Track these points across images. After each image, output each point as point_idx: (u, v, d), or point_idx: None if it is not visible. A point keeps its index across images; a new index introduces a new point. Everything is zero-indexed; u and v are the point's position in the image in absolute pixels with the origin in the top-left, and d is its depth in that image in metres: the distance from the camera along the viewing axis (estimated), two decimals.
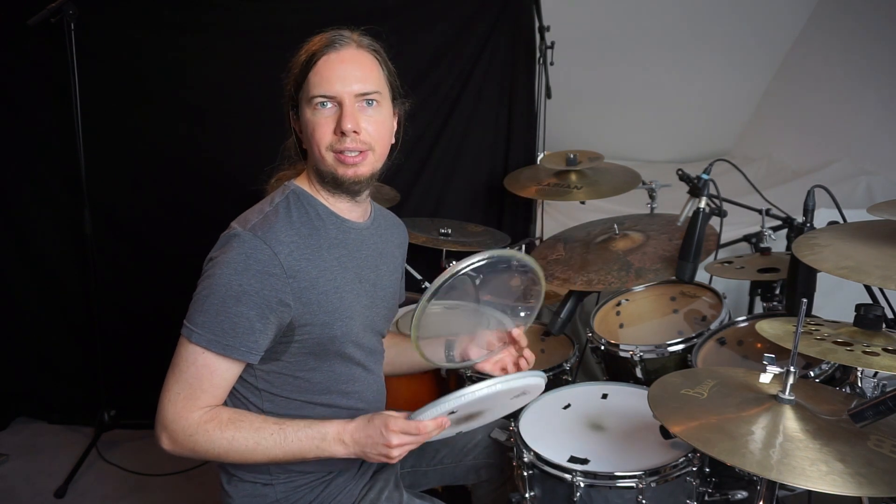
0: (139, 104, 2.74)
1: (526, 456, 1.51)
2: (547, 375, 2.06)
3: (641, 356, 1.88)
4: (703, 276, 2.09)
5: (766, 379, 1.25)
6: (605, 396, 1.74)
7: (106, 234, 2.75)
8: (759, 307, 2.19)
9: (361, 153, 1.33)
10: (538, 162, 2.81)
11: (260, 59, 2.60)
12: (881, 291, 1.63)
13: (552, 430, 1.60)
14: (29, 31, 2.35)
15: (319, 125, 1.31)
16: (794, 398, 1.17)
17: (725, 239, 2.26)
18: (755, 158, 3.92)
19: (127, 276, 2.87)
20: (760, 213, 2.08)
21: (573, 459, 1.48)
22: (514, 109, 2.92)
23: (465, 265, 1.26)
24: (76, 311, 2.89)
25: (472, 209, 3.00)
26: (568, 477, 1.43)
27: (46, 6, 2.35)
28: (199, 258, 1.34)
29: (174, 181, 2.81)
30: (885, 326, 1.26)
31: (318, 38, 1.35)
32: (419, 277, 2.62)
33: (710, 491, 1.54)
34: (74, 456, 2.68)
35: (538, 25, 2.78)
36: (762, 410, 1.16)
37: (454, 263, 1.27)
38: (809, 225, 1.85)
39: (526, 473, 1.50)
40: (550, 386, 1.89)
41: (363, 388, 1.46)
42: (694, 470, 1.45)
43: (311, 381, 1.38)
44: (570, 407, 1.70)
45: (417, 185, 2.94)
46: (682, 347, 1.86)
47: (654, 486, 1.41)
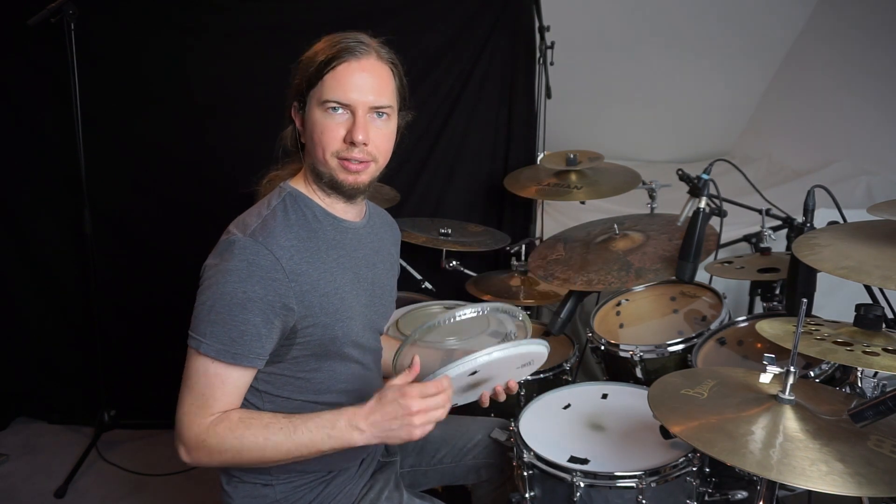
0: (139, 104, 2.73)
1: (526, 456, 1.51)
2: (547, 375, 2.08)
3: (641, 356, 1.88)
4: (703, 276, 2.09)
5: (766, 379, 1.25)
6: (605, 396, 1.74)
7: (106, 234, 2.74)
8: (759, 307, 2.19)
9: (365, 163, 1.33)
10: (538, 162, 2.81)
11: (260, 59, 2.61)
12: (881, 291, 1.63)
13: (552, 430, 1.60)
14: (29, 31, 2.34)
15: (329, 129, 1.31)
16: (794, 398, 1.17)
17: (725, 239, 2.26)
18: (755, 158, 3.92)
19: (127, 276, 2.86)
20: (760, 213, 2.08)
21: (573, 459, 1.48)
22: (514, 109, 2.92)
23: (480, 358, 1.23)
24: (76, 311, 2.89)
25: (472, 209, 3.00)
26: (568, 477, 1.43)
27: (46, 6, 2.35)
28: (199, 258, 1.33)
29: (174, 181, 2.81)
30: (885, 326, 1.26)
31: (336, 37, 1.33)
32: (419, 277, 2.62)
33: (710, 491, 1.54)
34: (74, 456, 2.68)
35: (538, 25, 2.78)
36: (762, 410, 1.16)
37: (474, 355, 1.24)
38: (809, 225, 1.85)
39: (526, 473, 1.50)
40: (550, 386, 1.90)
41: (363, 386, 1.46)
42: (694, 470, 1.45)
43: (311, 381, 1.38)
44: (570, 407, 1.70)
45: (417, 185, 2.93)
46: (682, 347, 1.86)
47: (654, 486, 1.41)
